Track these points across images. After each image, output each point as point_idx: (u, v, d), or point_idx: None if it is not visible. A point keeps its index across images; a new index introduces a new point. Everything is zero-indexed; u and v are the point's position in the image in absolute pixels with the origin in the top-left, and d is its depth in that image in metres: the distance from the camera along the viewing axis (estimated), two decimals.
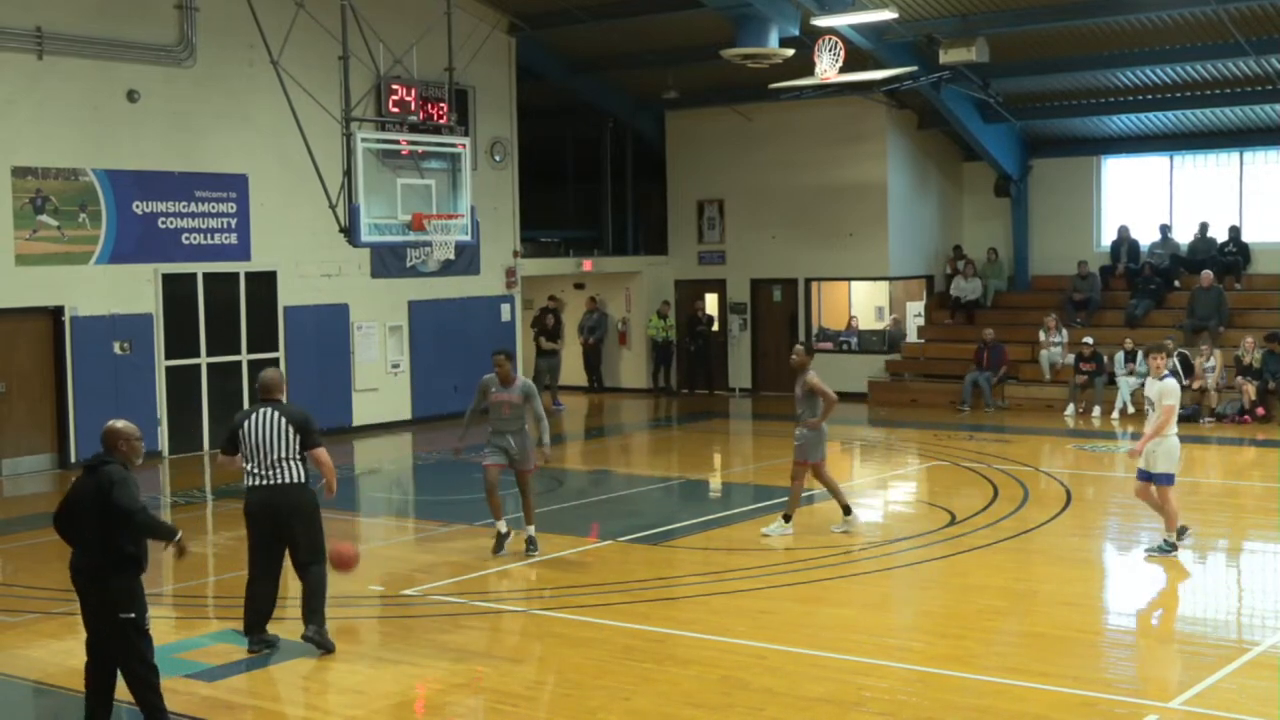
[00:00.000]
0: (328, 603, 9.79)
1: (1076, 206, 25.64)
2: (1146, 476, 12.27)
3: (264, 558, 9.67)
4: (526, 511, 12.69)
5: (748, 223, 26.76)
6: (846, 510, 13.41)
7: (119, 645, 7.68)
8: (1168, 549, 12.19)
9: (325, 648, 9.57)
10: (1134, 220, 24.93)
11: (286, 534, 9.58)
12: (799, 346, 13.58)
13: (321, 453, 9.66)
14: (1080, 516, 14.39)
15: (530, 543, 12.62)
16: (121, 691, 9.09)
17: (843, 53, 20.38)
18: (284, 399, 9.83)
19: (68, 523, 7.77)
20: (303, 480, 9.56)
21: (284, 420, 9.53)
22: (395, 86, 20.69)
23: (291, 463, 9.53)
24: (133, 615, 7.62)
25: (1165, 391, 12.06)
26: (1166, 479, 12.21)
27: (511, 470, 12.54)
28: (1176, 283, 24.07)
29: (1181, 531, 12.33)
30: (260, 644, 9.69)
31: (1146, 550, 12.37)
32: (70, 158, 18.53)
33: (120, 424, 7.88)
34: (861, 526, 13.59)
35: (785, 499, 13.76)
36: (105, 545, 7.56)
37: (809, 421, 13.08)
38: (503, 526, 12.61)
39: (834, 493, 13.49)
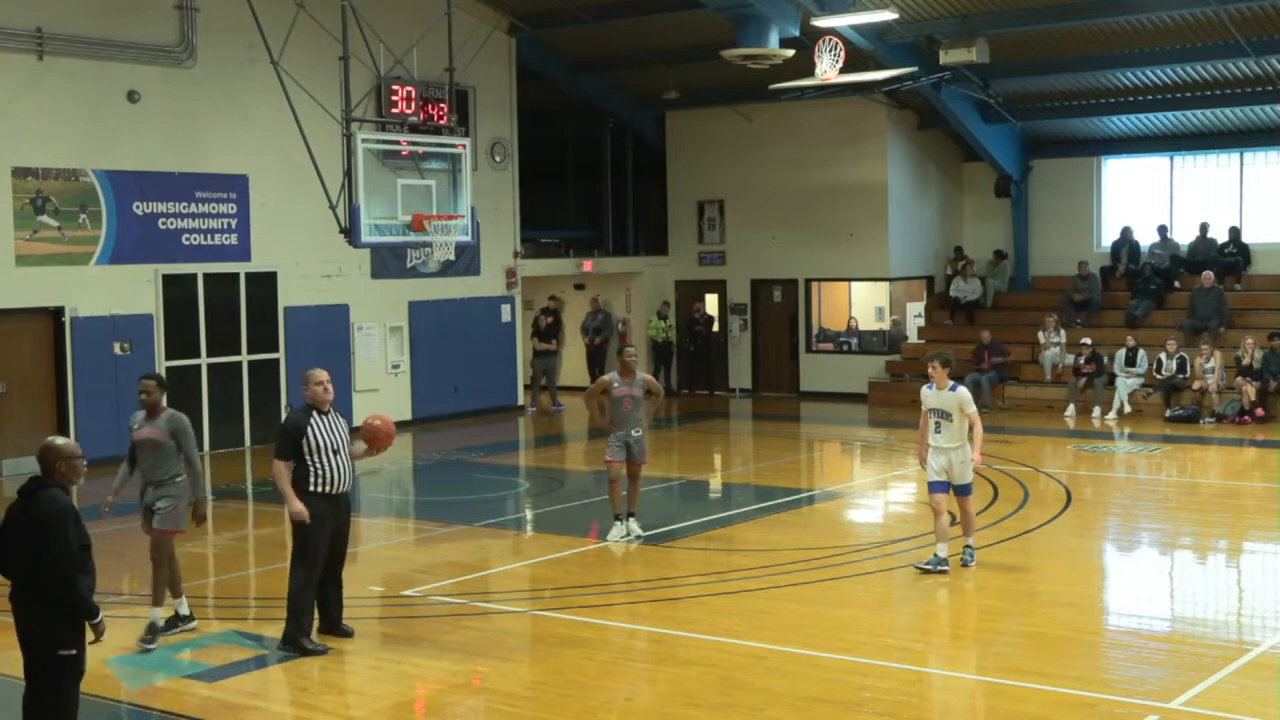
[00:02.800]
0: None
1: (1077, 207, 25.64)
2: (946, 488, 11.83)
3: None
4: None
5: (748, 223, 26.76)
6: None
7: (48, 680, 6.98)
8: (968, 560, 11.77)
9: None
10: (1134, 221, 24.93)
11: None
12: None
13: (274, 465, 9.89)
14: (1080, 517, 14.38)
15: None
16: (120, 692, 9.11)
17: (843, 53, 20.38)
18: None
19: None
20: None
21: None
22: (395, 87, 20.68)
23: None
24: (73, 652, 6.96)
25: (966, 401, 11.74)
26: (968, 489, 11.86)
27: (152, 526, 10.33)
28: (1176, 283, 24.07)
29: (942, 560, 11.73)
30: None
31: (963, 560, 11.87)
32: (70, 158, 18.53)
33: (59, 441, 7.26)
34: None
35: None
36: (39, 584, 6.87)
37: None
38: None
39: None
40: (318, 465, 9.79)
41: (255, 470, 18.83)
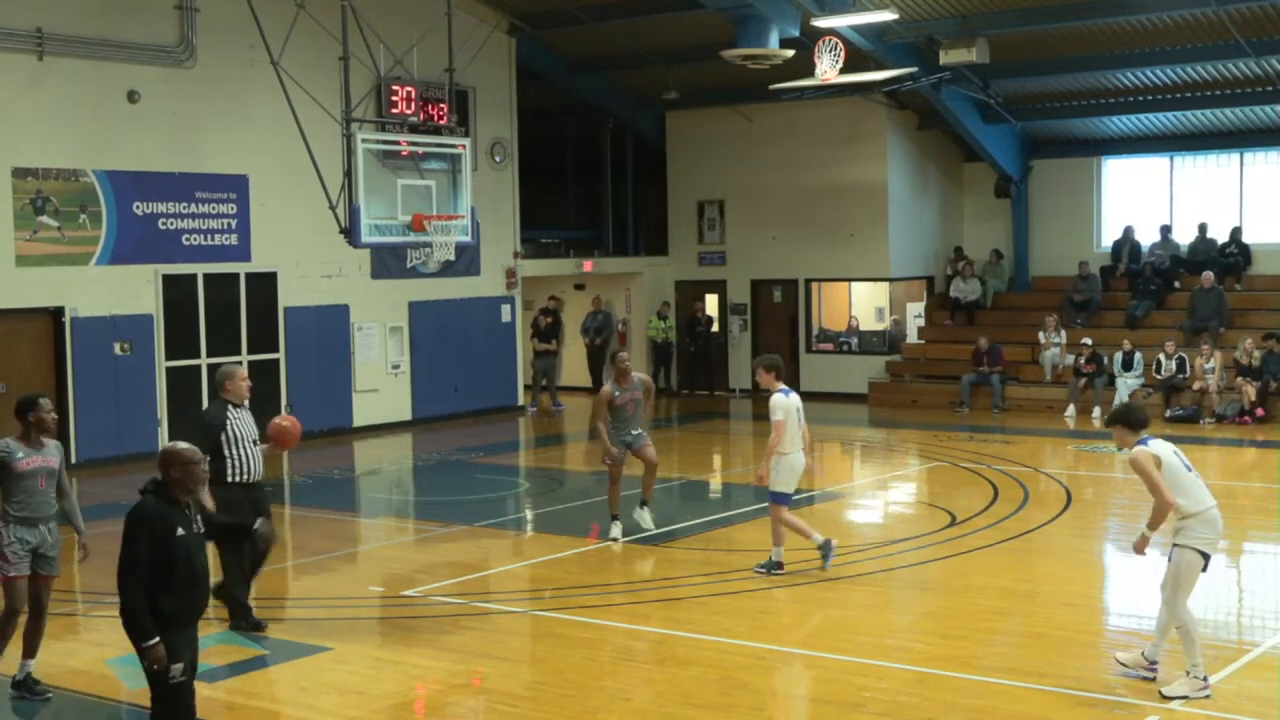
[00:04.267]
0: (327, 602, 9.80)
1: (1077, 207, 25.64)
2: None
3: None
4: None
5: (748, 223, 26.76)
6: None
7: (151, 690, 6.76)
8: (771, 567, 11.67)
9: None
10: (1134, 221, 24.93)
11: None
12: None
13: None
14: (1080, 517, 14.39)
15: None
16: (120, 692, 9.10)
17: (843, 53, 20.38)
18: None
19: None
20: None
21: None
22: (395, 87, 20.67)
23: None
24: (153, 667, 6.65)
25: (773, 407, 11.54)
26: (780, 498, 11.71)
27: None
28: (1177, 284, 24.07)
29: (775, 566, 11.68)
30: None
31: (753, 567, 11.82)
32: (70, 158, 18.52)
33: (177, 446, 6.82)
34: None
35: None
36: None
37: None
38: None
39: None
40: (236, 456, 10.07)
41: None
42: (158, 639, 6.56)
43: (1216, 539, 8.51)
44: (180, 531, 6.63)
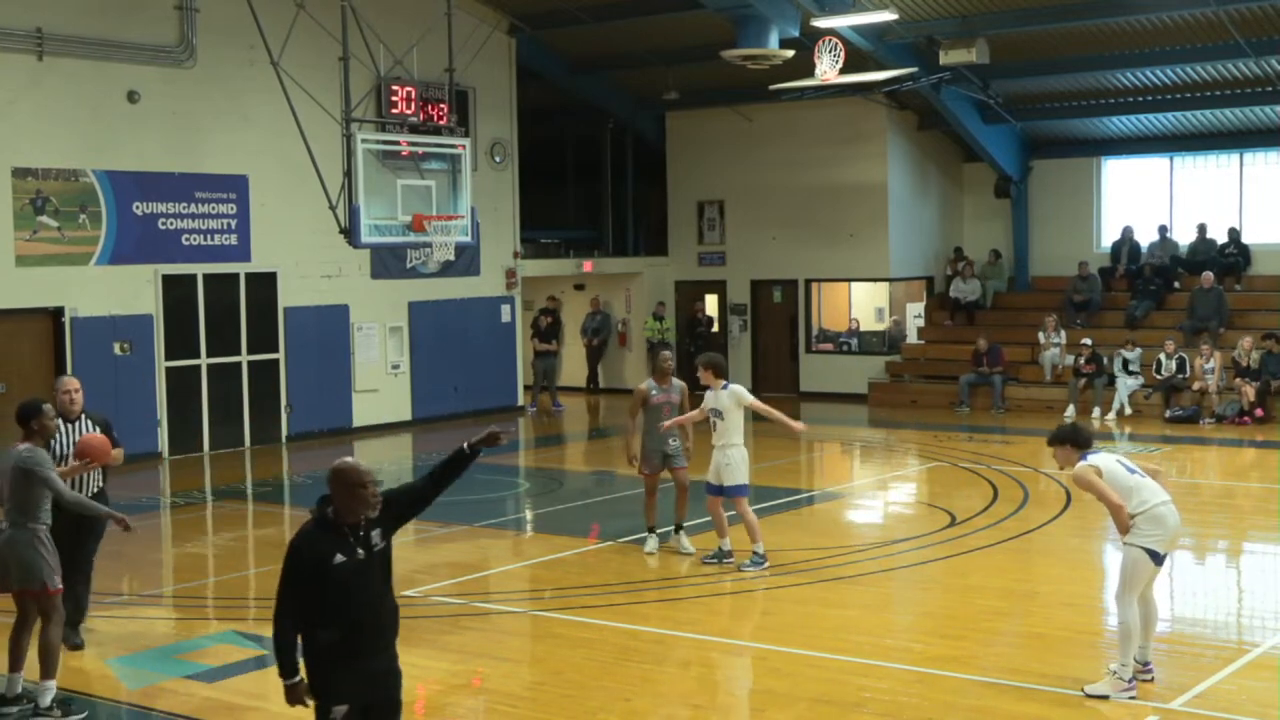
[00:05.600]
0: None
1: (1076, 207, 25.64)
2: (718, 490, 12.00)
3: None
4: None
5: (748, 223, 26.76)
6: None
7: None
8: (759, 561, 11.83)
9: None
10: (1134, 221, 24.93)
11: None
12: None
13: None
14: (1080, 517, 14.37)
15: None
16: (120, 692, 9.11)
17: (843, 54, 20.38)
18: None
19: None
20: None
21: None
22: (395, 87, 20.68)
23: None
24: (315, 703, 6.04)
25: (741, 394, 12.01)
26: (739, 490, 11.92)
27: None
28: (1176, 284, 24.08)
29: (726, 554, 11.99)
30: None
31: (739, 565, 11.90)
32: (70, 158, 18.52)
33: (345, 464, 6.07)
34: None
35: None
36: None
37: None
38: None
39: None
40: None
41: (254, 471, 18.82)
42: (299, 678, 5.96)
43: (1167, 536, 8.47)
44: (338, 559, 5.93)
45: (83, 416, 9.79)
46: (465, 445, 6.36)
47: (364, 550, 6.05)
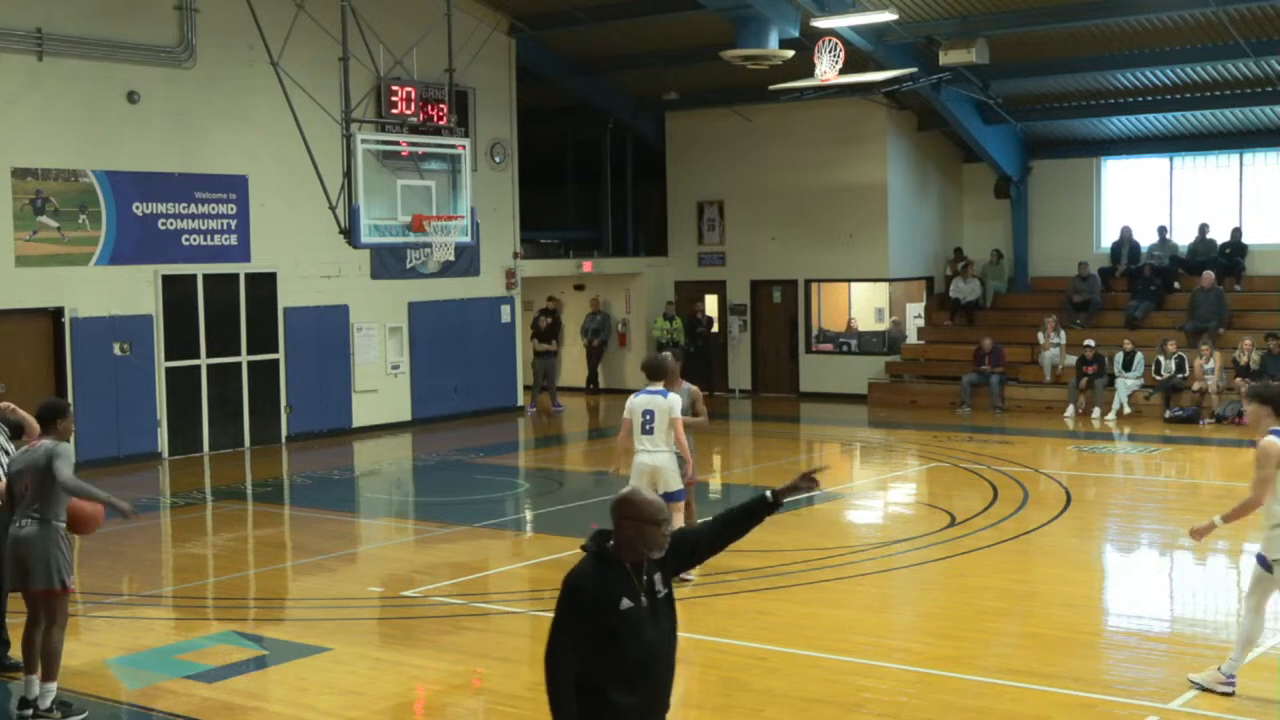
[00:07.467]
0: (327, 603, 9.79)
1: (1076, 208, 25.63)
2: (669, 497, 11.38)
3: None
4: None
5: (748, 224, 26.76)
6: None
7: None
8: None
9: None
10: (1134, 221, 24.92)
11: None
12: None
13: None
14: (1080, 518, 14.38)
15: None
16: (120, 692, 9.11)
17: (843, 54, 20.38)
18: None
19: None
20: None
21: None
22: (395, 87, 20.68)
23: None
24: None
25: (674, 404, 11.48)
26: (680, 495, 11.55)
27: None
28: (1176, 284, 24.07)
29: None
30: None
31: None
32: (70, 159, 18.52)
33: (634, 498, 5.22)
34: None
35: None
36: None
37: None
38: None
39: None
40: None
41: (254, 471, 18.82)
42: None
43: None
44: (626, 604, 5.04)
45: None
46: (768, 493, 5.62)
47: (647, 597, 5.15)
